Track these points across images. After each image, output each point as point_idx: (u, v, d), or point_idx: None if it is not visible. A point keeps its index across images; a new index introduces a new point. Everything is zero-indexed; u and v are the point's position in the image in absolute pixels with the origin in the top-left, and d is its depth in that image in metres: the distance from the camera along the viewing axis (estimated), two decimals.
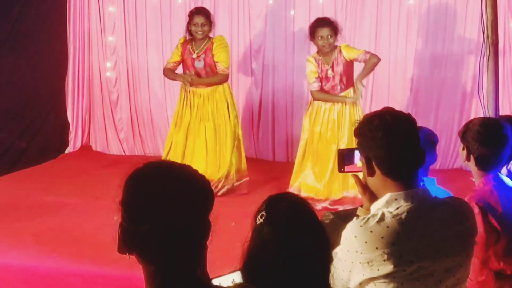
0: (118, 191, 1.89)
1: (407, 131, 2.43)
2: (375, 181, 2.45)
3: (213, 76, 7.08)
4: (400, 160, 2.41)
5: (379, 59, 6.71)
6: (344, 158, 2.76)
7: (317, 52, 6.83)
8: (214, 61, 7.02)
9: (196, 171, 1.91)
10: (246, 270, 2.27)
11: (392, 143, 2.38)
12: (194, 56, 7.03)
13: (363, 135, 2.44)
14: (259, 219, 2.25)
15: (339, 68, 6.71)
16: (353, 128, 2.51)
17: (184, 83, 7.06)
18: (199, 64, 7.05)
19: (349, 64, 6.76)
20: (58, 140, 8.95)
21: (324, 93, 6.78)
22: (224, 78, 7.11)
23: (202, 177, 1.90)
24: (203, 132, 7.16)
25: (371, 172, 2.44)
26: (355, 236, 2.33)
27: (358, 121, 2.51)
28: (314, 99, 6.86)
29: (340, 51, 6.71)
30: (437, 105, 8.19)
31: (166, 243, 1.81)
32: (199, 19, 6.97)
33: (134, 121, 8.99)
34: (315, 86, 6.77)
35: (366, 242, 2.31)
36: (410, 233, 2.33)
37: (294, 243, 2.20)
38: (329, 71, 6.71)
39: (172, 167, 1.92)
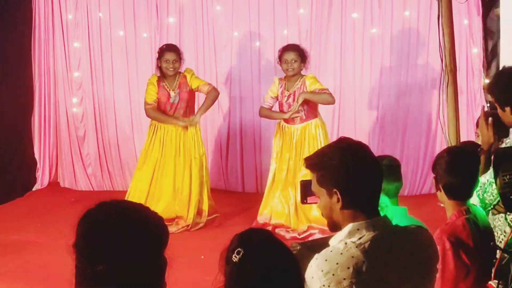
0: (71, 233, 1.89)
1: (366, 161, 2.46)
2: (341, 213, 2.46)
3: (206, 101, 7.14)
4: (364, 189, 2.44)
5: (333, 99, 6.80)
6: (307, 189, 2.76)
7: (285, 77, 6.89)
8: (192, 93, 7.13)
9: (148, 209, 1.92)
10: None
11: (357, 176, 2.41)
12: (172, 94, 7.05)
13: (328, 169, 2.44)
14: (235, 257, 2.21)
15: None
16: (311, 161, 2.51)
17: (185, 126, 7.06)
18: (175, 100, 7.07)
19: None
20: (25, 177, 8.85)
21: (266, 110, 7.04)
22: (215, 92, 7.20)
23: (155, 214, 1.91)
24: (172, 169, 7.14)
25: (343, 205, 2.43)
26: (322, 271, 2.33)
27: (314, 156, 2.52)
28: (259, 115, 7.18)
29: (304, 82, 6.77)
30: (403, 131, 8.27)
31: (123, 282, 1.81)
32: (170, 56, 7.00)
33: (102, 156, 8.93)
34: (266, 104, 7.01)
35: (333, 274, 2.31)
36: (374, 262, 2.35)
37: (275, 276, 2.19)
38: (287, 99, 6.78)
39: (124, 206, 1.92)
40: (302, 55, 6.79)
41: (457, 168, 3.38)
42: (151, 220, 1.88)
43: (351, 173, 2.40)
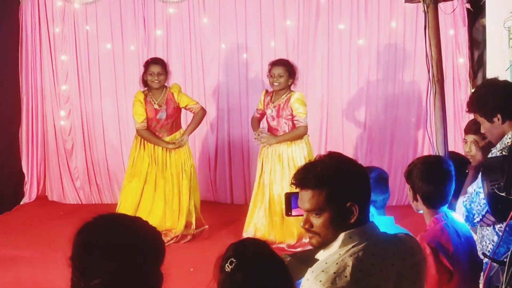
0: (68, 247, 1.87)
1: (361, 173, 2.51)
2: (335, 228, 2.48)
3: (194, 121, 7.21)
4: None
5: (306, 131, 6.84)
6: (291, 201, 2.77)
7: (273, 90, 6.93)
8: (178, 109, 7.13)
9: (146, 223, 1.90)
10: None
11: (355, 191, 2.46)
12: (156, 106, 7.04)
13: (331, 186, 2.45)
14: (228, 266, 2.23)
15: (284, 113, 6.78)
16: (307, 181, 2.50)
17: (175, 145, 7.09)
18: (162, 116, 7.06)
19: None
20: (13, 191, 8.81)
21: (255, 120, 7.14)
22: (203, 112, 7.25)
23: (153, 228, 1.89)
24: (162, 182, 7.14)
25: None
26: (320, 281, 2.34)
27: (311, 172, 2.49)
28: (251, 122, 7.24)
29: (290, 98, 6.77)
30: (391, 142, 8.30)
31: None
32: (155, 68, 7.00)
33: (90, 170, 8.91)
34: (256, 114, 7.16)
35: (332, 283, 2.33)
36: (370, 270, 2.38)
37: (267, 286, 2.22)
38: (270, 110, 6.81)
39: (122, 220, 1.91)
40: (290, 71, 6.80)
41: (432, 175, 3.42)
42: (148, 235, 1.86)
43: (361, 187, 2.46)
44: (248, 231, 6.93)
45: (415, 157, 8.04)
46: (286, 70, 6.78)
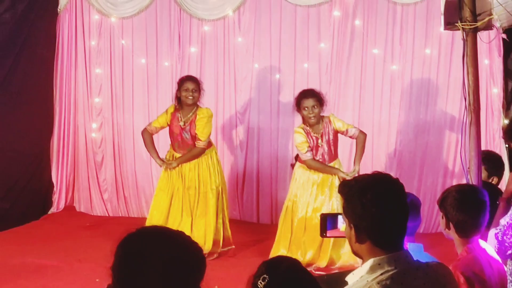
0: (110, 256, 1.86)
1: (398, 203, 2.46)
2: (361, 247, 2.46)
3: (189, 153, 7.09)
4: (389, 230, 2.44)
5: (366, 135, 6.85)
6: (327, 222, 2.77)
7: (304, 123, 6.87)
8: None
9: (189, 238, 1.88)
10: None
11: (383, 217, 2.41)
12: (181, 124, 7.06)
13: (353, 204, 2.43)
14: (260, 283, 2.24)
15: (328, 138, 6.79)
16: (341, 189, 2.51)
17: (162, 166, 7.17)
18: (186, 135, 7.09)
19: (336, 135, 6.84)
20: (41, 200, 8.89)
21: (319, 163, 6.82)
22: (201, 152, 7.12)
23: (196, 244, 1.87)
24: (187, 199, 7.15)
25: (359, 239, 2.44)
26: None
27: (348, 183, 2.50)
28: (309, 167, 6.85)
29: (330, 121, 6.78)
30: (420, 168, 8.25)
31: None
32: (190, 85, 7.03)
33: (119, 182, 8.97)
34: (309, 155, 6.77)
35: None
36: None
37: None
38: (319, 141, 6.78)
39: (166, 234, 1.87)
40: (320, 100, 6.77)
41: (467, 205, 3.38)
42: (192, 250, 1.84)
43: (367, 211, 2.39)
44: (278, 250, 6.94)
45: (444, 184, 8.04)
46: (317, 100, 6.71)
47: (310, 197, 6.83)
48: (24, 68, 8.36)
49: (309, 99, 6.70)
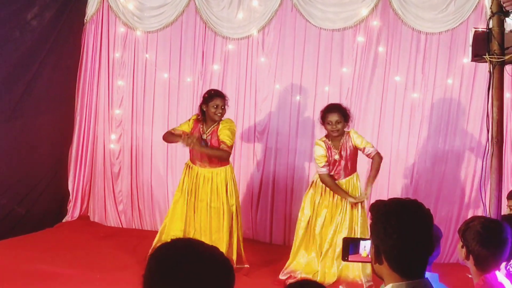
0: (143, 264, 1.88)
1: (423, 231, 2.46)
2: (381, 269, 2.48)
3: (215, 149, 7.01)
4: (407, 258, 2.44)
5: (382, 158, 6.88)
6: (349, 247, 2.78)
7: (326, 136, 6.92)
8: (218, 142, 7.01)
9: (219, 250, 1.90)
10: None
11: (403, 244, 2.41)
12: (204, 137, 7.05)
13: (378, 226, 2.46)
14: None
15: (346, 153, 6.81)
16: (371, 209, 2.53)
17: (184, 143, 6.90)
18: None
19: (355, 150, 6.87)
20: (57, 208, 8.94)
21: (332, 181, 6.85)
22: (225, 155, 7.01)
23: (228, 261, 1.88)
24: (199, 214, 7.14)
25: (378, 260, 2.47)
26: None
27: (377, 206, 2.52)
28: (322, 182, 6.90)
29: (349, 136, 6.82)
30: (436, 198, 8.23)
31: None
32: (220, 102, 7.02)
33: (134, 194, 9.00)
34: (324, 170, 6.84)
35: None
36: None
37: None
38: (336, 156, 6.80)
39: (199, 247, 1.88)
40: (345, 115, 6.82)
41: (490, 242, 3.37)
42: (222, 263, 1.85)
43: (389, 237, 2.41)
44: (291, 266, 6.96)
45: (459, 215, 8.03)
46: (341, 115, 6.79)
47: (322, 210, 6.91)
48: (48, 75, 8.44)
49: (334, 114, 6.76)
